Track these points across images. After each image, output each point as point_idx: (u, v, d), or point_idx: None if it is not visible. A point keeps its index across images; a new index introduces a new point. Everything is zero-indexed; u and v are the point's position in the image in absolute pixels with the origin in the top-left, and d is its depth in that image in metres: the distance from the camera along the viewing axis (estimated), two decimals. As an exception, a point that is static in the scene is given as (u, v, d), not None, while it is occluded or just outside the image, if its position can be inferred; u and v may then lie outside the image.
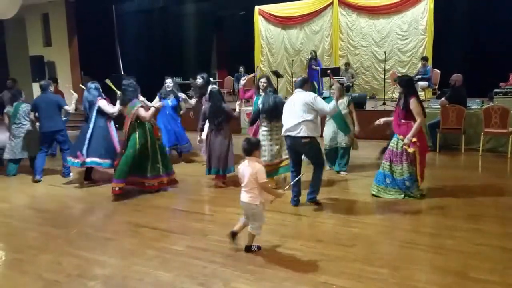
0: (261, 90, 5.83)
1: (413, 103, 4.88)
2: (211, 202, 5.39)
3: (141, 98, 6.10)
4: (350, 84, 11.11)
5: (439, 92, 9.75)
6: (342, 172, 6.35)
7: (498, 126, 7.19)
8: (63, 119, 7.13)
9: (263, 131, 5.55)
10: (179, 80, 12.14)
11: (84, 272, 3.52)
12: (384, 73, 10.74)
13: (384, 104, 9.86)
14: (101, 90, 6.21)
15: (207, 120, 5.86)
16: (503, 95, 7.96)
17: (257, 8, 13.37)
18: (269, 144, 5.49)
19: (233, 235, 3.78)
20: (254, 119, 5.77)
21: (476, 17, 10.36)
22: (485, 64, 9.74)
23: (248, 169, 3.58)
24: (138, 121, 5.42)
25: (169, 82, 7.11)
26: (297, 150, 4.81)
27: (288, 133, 4.75)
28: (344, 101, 6.19)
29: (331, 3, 12.23)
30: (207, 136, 5.90)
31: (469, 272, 3.26)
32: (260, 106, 5.49)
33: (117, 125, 6.49)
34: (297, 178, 4.64)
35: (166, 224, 4.58)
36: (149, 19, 14.58)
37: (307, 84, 4.95)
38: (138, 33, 14.50)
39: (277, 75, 11.56)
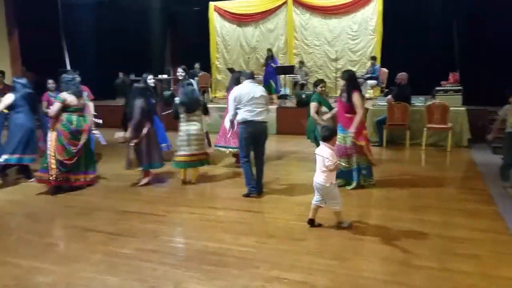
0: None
1: (355, 96, 5.15)
2: (163, 202, 5.24)
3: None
4: (305, 82, 11.33)
5: (386, 90, 10.16)
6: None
7: (439, 122, 7.64)
8: None
9: (182, 123, 5.71)
10: (132, 76, 11.84)
11: (24, 282, 3.32)
12: (336, 72, 11.03)
13: (336, 101, 10.10)
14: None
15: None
16: (444, 93, 8.42)
17: (212, 4, 13.29)
18: (186, 135, 5.65)
19: (311, 222, 4.17)
20: (176, 112, 5.79)
21: (422, 19, 10.89)
22: (429, 63, 10.30)
23: (322, 153, 3.97)
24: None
25: (149, 79, 6.75)
26: (257, 136, 5.09)
27: (253, 119, 4.98)
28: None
29: (285, 2, 12.40)
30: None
31: (412, 260, 3.47)
32: (180, 98, 5.67)
33: None
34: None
35: (114, 226, 4.40)
36: (98, 13, 14.01)
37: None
38: (86, 27, 13.93)
39: (233, 72, 11.51)
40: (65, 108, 5.50)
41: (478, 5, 9.39)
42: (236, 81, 5.80)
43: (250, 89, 5.05)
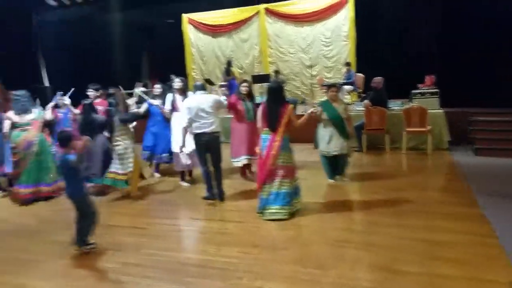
0: None
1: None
2: (144, 215, 5.21)
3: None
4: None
5: (364, 95, 10.29)
6: (345, 179, 6.03)
7: (418, 125, 7.70)
8: None
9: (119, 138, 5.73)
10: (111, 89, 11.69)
11: (7, 299, 3.26)
12: (312, 78, 11.14)
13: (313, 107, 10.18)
14: None
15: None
16: (421, 96, 8.52)
17: (185, 16, 13.29)
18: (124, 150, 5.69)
19: None
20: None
21: (395, 23, 11.01)
22: (405, 67, 10.42)
23: None
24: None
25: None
26: (210, 146, 5.24)
27: (203, 130, 5.15)
28: (342, 105, 5.93)
29: (257, 12, 12.50)
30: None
31: (397, 266, 3.45)
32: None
33: None
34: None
35: (97, 240, 4.30)
36: (75, 28, 13.84)
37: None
38: (63, 42, 13.72)
39: (210, 83, 11.53)
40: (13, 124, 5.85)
41: (452, 6, 9.57)
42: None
43: (198, 101, 5.23)
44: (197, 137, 5.24)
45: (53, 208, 5.67)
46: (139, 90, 6.83)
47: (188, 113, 5.23)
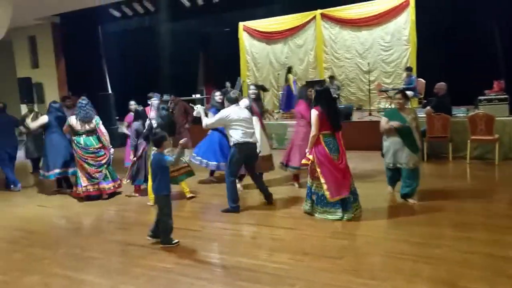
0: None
1: (312, 113, 4.88)
2: (197, 218, 5.34)
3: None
4: (337, 96, 11.22)
5: (425, 101, 9.85)
6: (410, 200, 5.27)
7: (484, 133, 7.24)
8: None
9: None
10: (166, 96, 12.15)
11: (71, 293, 3.44)
12: (369, 84, 10.86)
13: (370, 114, 9.93)
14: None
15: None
16: (487, 102, 8.02)
17: (241, 24, 13.53)
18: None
19: None
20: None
21: (459, 25, 10.50)
22: (469, 72, 9.85)
23: None
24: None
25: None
26: (252, 156, 5.40)
27: (249, 140, 5.26)
28: (412, 114, 5.25)
29: (314, 17, 12.44)
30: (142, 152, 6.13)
31: (459, 281, 3.22)
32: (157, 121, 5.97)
33: None
34: None
35: (153, 241, 4.50)
36: (135, 38, 14.59)
37: None
38: (124, 52, 14.50)
39: (263, 89, 11.64)
40: (74, 131, 6.27)
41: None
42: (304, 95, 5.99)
43: (238, 112, 5.30)
44: (243, 146, 5.23)
45: (113, 208, 5.99)
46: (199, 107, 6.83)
47: (221, 121, 5.32)
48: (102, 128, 6.43)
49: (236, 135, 5.21)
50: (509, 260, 3.53)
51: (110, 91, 13.95)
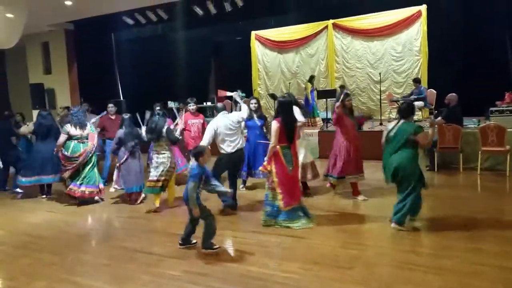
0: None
1: (272, 124, 4.93)
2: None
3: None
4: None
5: (436, 111, 9.79)
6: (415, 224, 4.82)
7: (495, 145, 7.20)
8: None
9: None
10: (176, 104, 12.24)
11: (79, 299, 3.47)
12: (380, 94, 10.83)
13: (381, 124, 9.90)
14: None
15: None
16: (499, 114, 7.98)
17: (253, 33, 13.63)
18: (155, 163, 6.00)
19: None
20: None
21: (470, 37, 10.46)
22: (481, 83, 9.79)
23: None
24: None
25: (254, 102, 6.68)
26: (240, 162, 5.92)
27: (237, 148, 5.62)
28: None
29: (326, 27, 12.48)
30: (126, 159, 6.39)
31: (470, 293, 3.19)
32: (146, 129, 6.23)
33: None
34: None
35: (162, 248, 4.53)
36: (148, 46, 14.76)
37: None
38: (137, 59, 14.66)
39: (274, 97, 11.64)
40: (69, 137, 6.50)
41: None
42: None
43: (225, 121, 5.57)
44: (227, 156, 5.59)
45: (122, 215, 6.01)
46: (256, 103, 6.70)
47: (211, 133, 5.53)
48: (94, 134, 6.71)
49: (226, 147, 5.59)
50: (518, 272, 3.49)
51: (122, 98, 14.10)
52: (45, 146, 6.96)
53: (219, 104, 5.93)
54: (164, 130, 5.93)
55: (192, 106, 7.53)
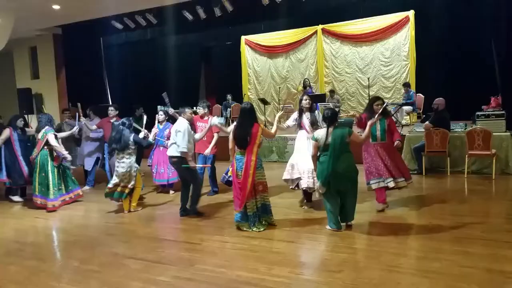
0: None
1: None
2: (198, 231, 5.32)
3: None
4: (337, 110, 11.28)
5: (424, 116, 9.92)
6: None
7: (482, 148, 7.31)
8: None
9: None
10: (166, 108, 12.19)
11: (67, 307, 3.43)
12: (369, 99, 10.91)
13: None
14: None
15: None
16: (485, 118, 8.09)
17: (243, 38, 13.68)
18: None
19: None
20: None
21: (458, 42, 10.62)
22: (467, 87, 9.98)
23: None
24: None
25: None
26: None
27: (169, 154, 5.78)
28: None
29: (315, 32, 12.60)
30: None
31: (458, 295, 3.23)
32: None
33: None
34: None
35: (153, 254, 4.50)
36: (137, 51, 14.71)
37: None
38: (126, 64, 14.63)
39: (264, 102, 11.72)
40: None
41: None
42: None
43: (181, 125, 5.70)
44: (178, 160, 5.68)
45: (113, 221, 5.96)
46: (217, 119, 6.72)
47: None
48: (42, 141, 6.65)
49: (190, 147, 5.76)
50: (507, 274, 3.55)
51: (110, 103, 14.00)
52: (18, 150, 7.25)
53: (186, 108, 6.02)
54: (131, 140, 6.05)
55: (203, 110, 7.35)
